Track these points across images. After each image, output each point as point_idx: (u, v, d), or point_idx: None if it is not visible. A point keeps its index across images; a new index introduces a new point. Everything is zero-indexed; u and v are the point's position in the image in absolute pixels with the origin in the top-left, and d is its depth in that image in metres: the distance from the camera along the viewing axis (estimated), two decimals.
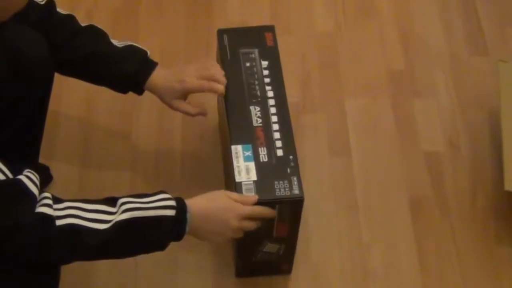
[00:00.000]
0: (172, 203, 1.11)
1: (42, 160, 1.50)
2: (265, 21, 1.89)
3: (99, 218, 1.05)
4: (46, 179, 1.57)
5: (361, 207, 1.57)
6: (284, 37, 1.85)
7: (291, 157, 1.30)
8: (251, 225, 1.22)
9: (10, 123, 1.32)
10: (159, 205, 1.10)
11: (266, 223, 1.27)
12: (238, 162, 1.29)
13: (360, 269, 1.48)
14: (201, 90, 1.38)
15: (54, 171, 1.58)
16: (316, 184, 1.60)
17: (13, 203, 1.01)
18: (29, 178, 1.03)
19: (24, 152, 1.43)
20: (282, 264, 1.43)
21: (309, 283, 1.47)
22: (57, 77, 1.39)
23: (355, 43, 1.86)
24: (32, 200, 1.02)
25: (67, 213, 1.03)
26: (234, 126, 1.35)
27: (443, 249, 1.52)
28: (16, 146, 1.38)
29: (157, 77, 1.38)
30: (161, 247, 1.13)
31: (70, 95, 1.71)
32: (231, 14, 1.91)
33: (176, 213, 1.10)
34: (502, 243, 1.53)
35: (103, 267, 1.43)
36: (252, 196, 1.23)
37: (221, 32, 1.48)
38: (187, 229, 1.13)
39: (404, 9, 1.93)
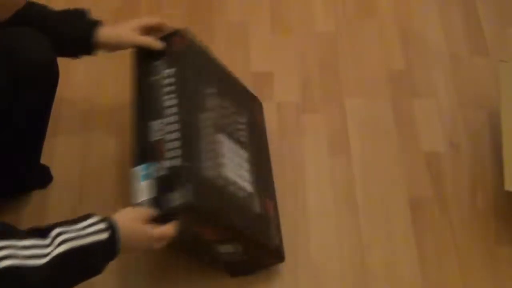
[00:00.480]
0: (103, 226, 1.10)
1: (42, 160, 1.50)
2: (265, 21, 1.89)
3: (35, 254, 1.02)
4: (46, 179, 1.57)
5: (361, 207, 1.57)
6: (284, 37, 1.87)
7: (188, 164, 1.24)
8: (161, 245, 1.23)
9: (11, 124, 1.32)
10: (92, 231, 1.09)
11: (189, 233, 1.26)
12: (136, 183, 1.25)
13: (360, 269, 1.48)
14: (158, 20, 1.42)
15: (54, 171, 1.58)
16: (316, 184, 1.60)
17: None
18: None
19: (26, 153, 1.43)
20: (262, 257, 1.42)
21: (309, 283, 1.47)
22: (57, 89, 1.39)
23: (355, 43, 1.86)
24: None
25: (4, 255, 1.00)
26: (134, 147, 1.31)
27: (443, 249, 1.52)
28: (17, 147, 1.38)
29: (108, 29, 1.37)
30: (100, 270, 1.12)
31: (70, 95, 1.71)
32: (231, 14, 1.91)
33: (109, 234, 1.11)
34: (502, 243, 1.53)
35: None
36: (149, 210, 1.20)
37: (135, 52, 1.44)
38: (120, 246, 1.13)
39: (404, 9, 1.93)
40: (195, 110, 1.32)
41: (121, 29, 1.39)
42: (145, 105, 1.35)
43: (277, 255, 1.43)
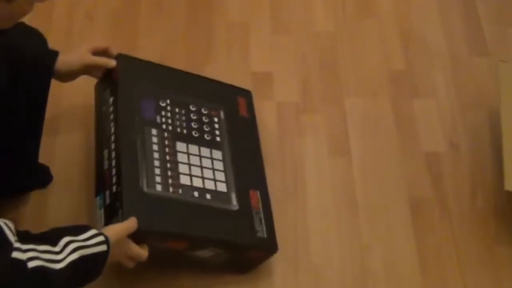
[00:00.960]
0: (102, 238, 1.17)
1: (42, 160, 1.50)
2: (265, 21, 1.89)
3: (52, 259, 1.08)
4: (46, 179, 1.57)
5: (361, 207, 1.57)
6: (284, 37, 1.87)
7: (119, 189, 1.28)
8: (131, 265, 1.29)
9: (9, 123, 1.32)
10: (95, 242, 1.16)
11: (156, 249, 1.30)
12: (96, 212, 1.32)
13: (360, 269, 1.48)
14: (107, 45, 1.48)
15: (54, 171, 1.58)
16: (316, 184, 1.60)
17: None
18: (7, 226, 1.05)
19: (23, 152, 1.43)
20: (248, 253, 1.41)
21: (309, 283, 1.47)
22: (57, 88, 1.40)
23: (355, 43, 1.86)
24: (9, 247, 1.03)
25: (31, 256, 1.05)
26: (95, 176, 1.39)
27: (443, 249, 1.52)
28: (15, 146, 1.38)
29: (61, 57, 1.42)
30: (98, 276, 1.19)
31: (70, 95, 1.71)
32: (231, 14, 1.91)
33: (107, 246, 1.17)
34: (502, 243, 1.53)
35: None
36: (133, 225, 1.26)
37: (95, 84, 1.52)
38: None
39: (404, 9, 1.93)
40: (136, 131, 1.37)
41: (72, 54, 1.44)
42: (99, 134, 1.43)
43: (266, 248, 1.42)
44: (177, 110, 1.46)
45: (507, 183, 1.44)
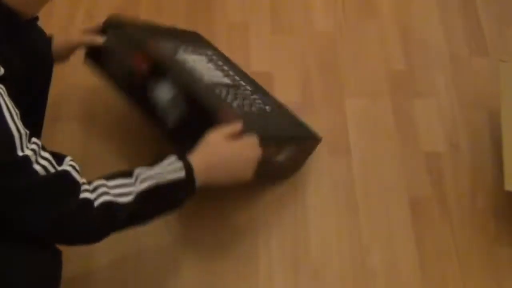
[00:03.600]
0: (180, 164, 1.19)
1: None
2: (265, 21, 1.89)
3: (123, 192, 1.13)
4: None
5: (361, 207, 1.57)
6: (284, 37, 1.87)
7: None
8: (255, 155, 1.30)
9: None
10: (170, 169, 1.18)
11: None
12: None
13: (360, 269, 1.48)
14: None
15: None
16: (316, 184, 1.60)
17: (64, 194, 1.08)
18: (74, 168, 1.10)
19: None
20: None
21: (309, 283, 1.47)
22: (58, 76, 1.40)
23: (355, 43, 1.86)
24: (78, 189, 1.09)
25: (99, 193, 1.11)
26: None
27: (443, 249, 1.52)
28: None
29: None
30: (179, 206, 1.22)
31: (70, 94, 1.71)
32: (231, 14, 1.91)
33: (186, 173, 1.19)
34: (502, 243, 1.53)
35: (103, 261, 1.44)
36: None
37: None
38: (198, 184, 1.21)
39: (404, 9, 1.93)
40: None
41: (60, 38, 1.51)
42: None
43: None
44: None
45: (507, 183, 1.44)
